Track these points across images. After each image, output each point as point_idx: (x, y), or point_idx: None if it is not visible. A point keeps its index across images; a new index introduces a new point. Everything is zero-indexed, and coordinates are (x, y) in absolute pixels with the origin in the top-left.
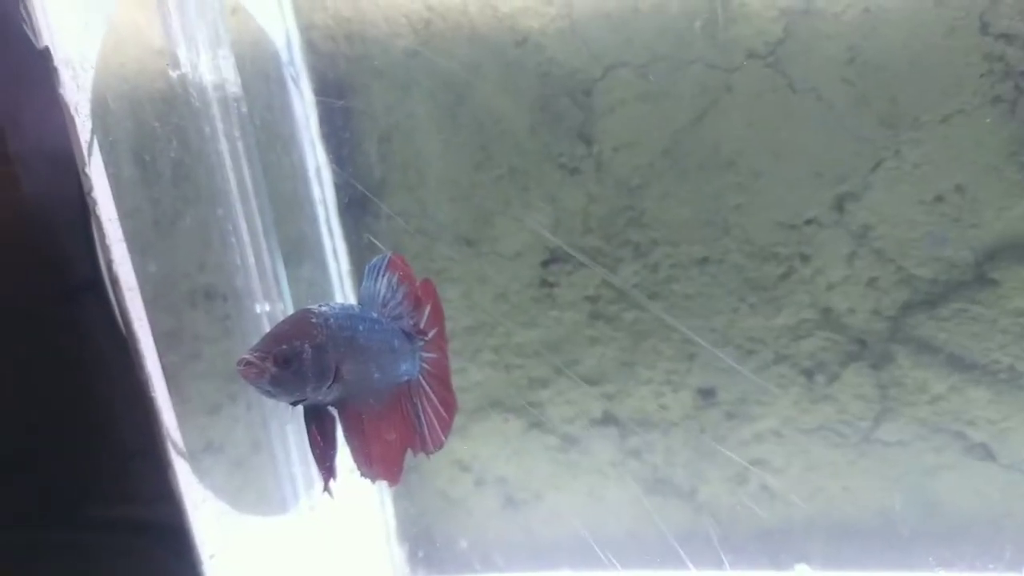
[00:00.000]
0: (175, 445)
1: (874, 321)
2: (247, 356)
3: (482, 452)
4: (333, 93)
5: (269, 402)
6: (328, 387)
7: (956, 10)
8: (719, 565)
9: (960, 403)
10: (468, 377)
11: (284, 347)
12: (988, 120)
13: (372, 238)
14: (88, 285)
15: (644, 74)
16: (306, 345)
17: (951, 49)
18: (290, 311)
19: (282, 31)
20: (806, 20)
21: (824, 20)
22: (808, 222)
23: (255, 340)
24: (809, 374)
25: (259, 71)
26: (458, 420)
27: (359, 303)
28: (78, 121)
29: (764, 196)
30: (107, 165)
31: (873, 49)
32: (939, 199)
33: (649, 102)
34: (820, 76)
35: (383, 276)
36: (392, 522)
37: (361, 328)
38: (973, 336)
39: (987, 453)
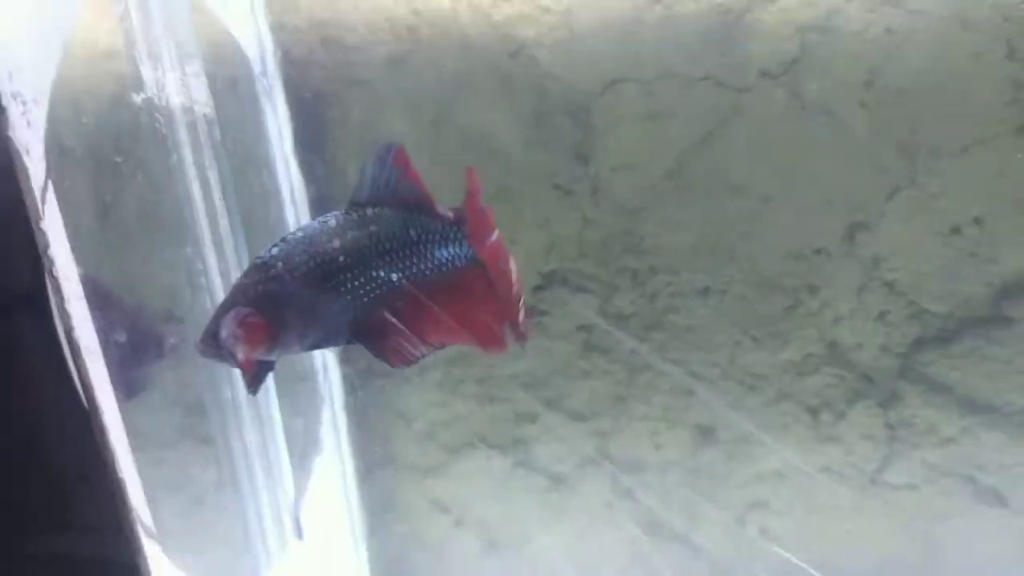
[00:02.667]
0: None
1: (883, 358)
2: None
3: (462, 492)
4: (307, 105)
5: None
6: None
7: (982, 34)
8: None
9: (972, 446)
10: (450, 411)
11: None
12: (1021, 156)
13: None
14: (45, 357)
15: (648, 91)
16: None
17: (976, 75)
18: None
19: (254, 39)
20: (823, 39)
21: (843, 39)
22: (817, 252)
23: (224, 376)
24: (814, 412)
25: (230, 86)
26: (436, 457)
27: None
28: (30, 166)
29: (772, 223)
30: (64, 215)
31: (894, 72)
32: (956, 231)
33: (653, 121)
34: (836, 98)
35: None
36: (366, 568)
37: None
38: (987, 376)
39: (998, 499)
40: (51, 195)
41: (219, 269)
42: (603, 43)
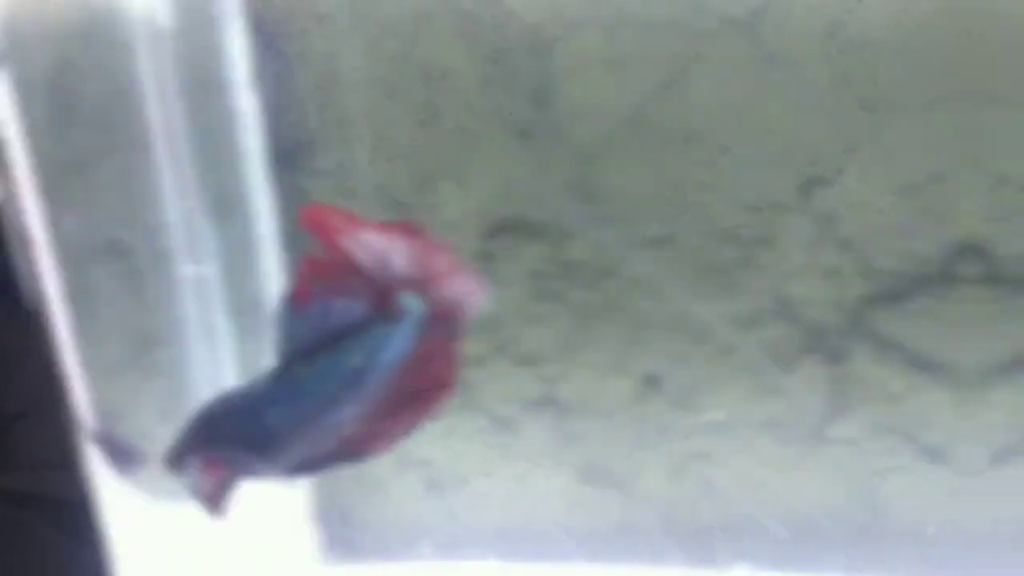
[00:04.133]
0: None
1: (833, 313)
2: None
3: None
4: (267, 36)
5: (185, 369)
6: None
7: None
8: (653, 560)
9: (917, 404)
10: None
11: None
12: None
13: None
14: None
15: (610, 35)
16: None
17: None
18: (217, 272)
19: None
20: None
21: None
22: (773, 205)
23: (175, 304)
24: (761, 366)
25: (191, 4)
26: None
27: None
28: None
29: (729, 175)
30: (18, 100)
31: (857, 24)
32: (913, 189)
33: (614, 66)
34: (799, 49)
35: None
36: (305, 504)
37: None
38: (937, 335)
39: (940, 457)
40: (5, 83)
41: (173, 182)
42: None
